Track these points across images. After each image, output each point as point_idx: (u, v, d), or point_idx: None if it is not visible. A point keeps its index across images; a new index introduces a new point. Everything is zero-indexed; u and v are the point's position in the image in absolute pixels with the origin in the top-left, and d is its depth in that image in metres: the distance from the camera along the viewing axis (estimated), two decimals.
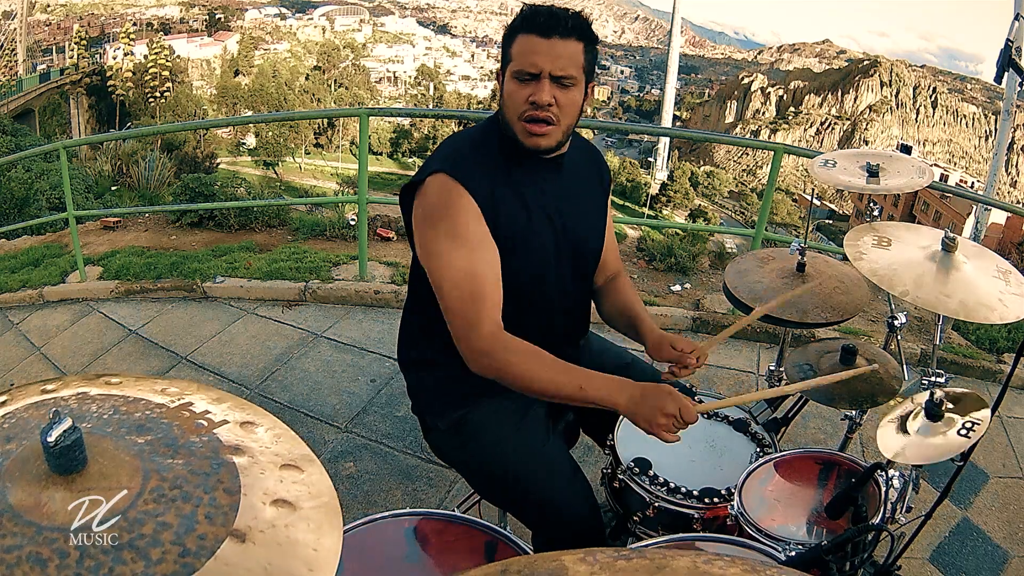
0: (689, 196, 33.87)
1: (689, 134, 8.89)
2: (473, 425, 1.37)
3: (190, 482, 0.52)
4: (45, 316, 3.67)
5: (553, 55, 1.18)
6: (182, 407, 0.61)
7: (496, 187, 1.24)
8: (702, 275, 4.05)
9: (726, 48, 54.15)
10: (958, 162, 38.65)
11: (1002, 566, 2.11)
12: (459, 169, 1.22)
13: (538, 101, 1.19)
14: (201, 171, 15.21)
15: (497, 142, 1.28)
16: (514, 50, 1.21)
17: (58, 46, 38.63)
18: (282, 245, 4.43)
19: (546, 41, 1.18)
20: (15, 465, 0.50)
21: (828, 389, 1.45)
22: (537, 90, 1.19)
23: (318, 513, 0.54)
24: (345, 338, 3.24)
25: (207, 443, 0.57)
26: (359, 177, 3.65)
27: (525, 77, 1.20)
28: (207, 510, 0.50)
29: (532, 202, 1.28)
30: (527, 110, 1.20)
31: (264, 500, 0.53)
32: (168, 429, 0.57)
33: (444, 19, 50.44)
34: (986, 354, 3.25)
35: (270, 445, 0.60)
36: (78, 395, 0.60)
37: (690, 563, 0.38)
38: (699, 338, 3.32)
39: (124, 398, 0.60)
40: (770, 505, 1.25)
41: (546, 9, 1.20)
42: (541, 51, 1.18)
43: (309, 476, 0.58)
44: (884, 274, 1.28)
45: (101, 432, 0.54)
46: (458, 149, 1.29)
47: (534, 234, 1.28)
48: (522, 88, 1.20)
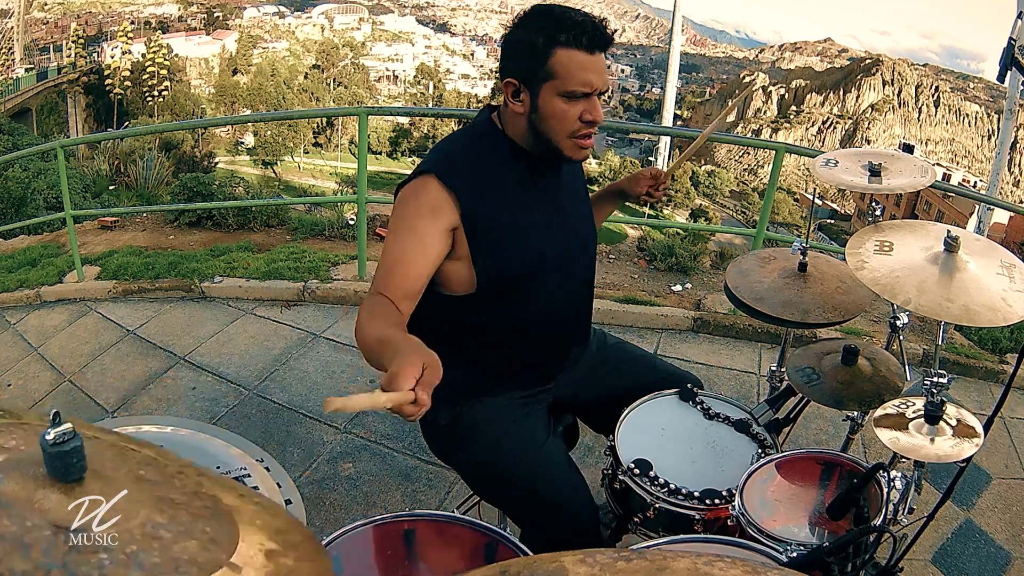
0: (690, 196, 33.85)
1: (690, 133, 8.87)
2: (473, 422, 1.37)
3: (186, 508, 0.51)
4: (42, 316, 3.66)
5: (600, 71, 1.17)
6: None
7: (497, 188, 1.24)
8: (703, 275, 4.04)
9: (727, 47, 54.12)
10: (960, 161, 38.65)
11: (1005, 567, 2.11)
12: (450, 173, 1.21)
13: (597, 120, 1.19)
14: (199, 170, 15.23)
15: (498, 143, 1.26)
16: (556, 67, 1.14)
17: (55, 44, 38.58)
18: (281, 245, 4.42)
19: (592, 57, 1.15)
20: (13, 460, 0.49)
21: (831, 390, 1.44)
22: (591, 108, 1.18)
23: None
24: (344, 338, 3.23)
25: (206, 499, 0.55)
26: (358, 176, 3.64)
27: (577, 96, 1.17)
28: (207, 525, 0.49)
29: (536, 201, 1.28)
30: (580, 128, 1.19)
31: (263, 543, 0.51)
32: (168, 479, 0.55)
33: (444, 17, 50.40)
34: (989, 354, 3.24)
35: None
36: None
37: (690, 564, 0.37)
38: (700, 339, 3.31)
39: None
40: (771, 506, 1.24)
41: (587, 22, 1.14)
42: (591, 68, 1.16)
43: None
44: (886, 283, 1.27)
45: None
46: (452, 153, 1.27)
47: (538, 231, 1.29)
48: (572, 106, 1.17)
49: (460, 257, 1.24)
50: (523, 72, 1.18)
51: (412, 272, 1.19)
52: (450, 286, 1.28)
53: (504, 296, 1.28)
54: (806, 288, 1.63)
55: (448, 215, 1.20)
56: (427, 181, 1.21)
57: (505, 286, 1.28)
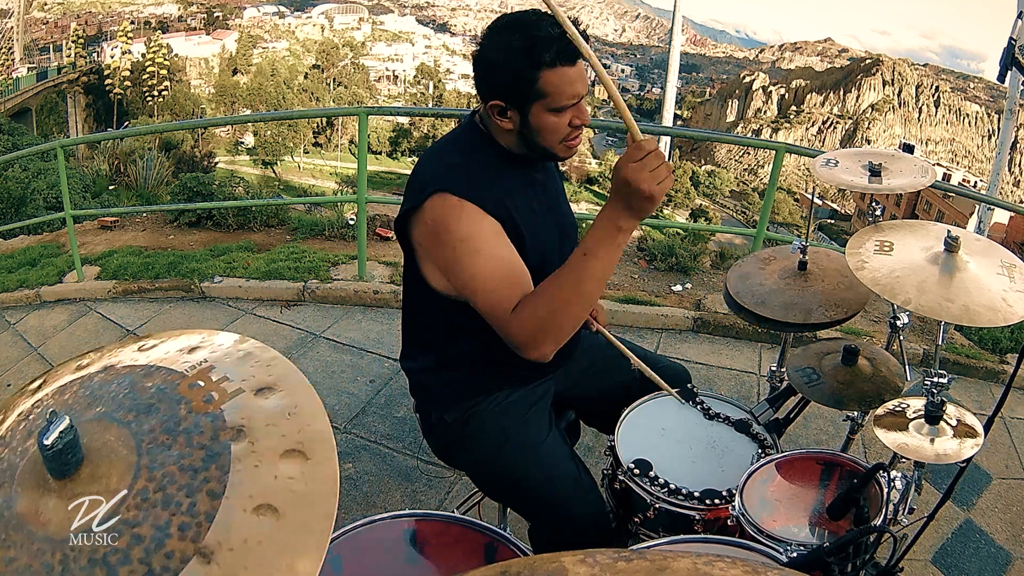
0: (690, 196, 33.84)
1: (690, 133, 8.90)
2: (480, 418, 1.38)
3: (176, 481, 0.50)
4: (42, 316, 3.66)
5: (584, 78, 1.18)
6: (201, 373, 0.57)
7: (503, 191, 1.24)
8: (703, 275, 4.04)
9: (727, 47, 54.11)
10: (961, 161, 38.63)
11: (1005, 568, 2.10)
12: (459, 184, 1.20)
13: (585, 123, 1.21)
14: (199, 170, 15.21)
15: (489, 148, 1.27)
16: (545, 87, 1.16)
17: (55, 44, 38.56)
18: (281, 245, 4.42)
19: (574, 68, 1.16)
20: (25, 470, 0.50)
21: (831, 390, 1.44)
22: (579, 112, 1.21)
23: (303, 526, 0.49)
24: (344, 338, 3.23)
25: (209, 424, 0.53)
26: (358, 176, 3.64)
27: (567, 107, 1.18)
28: (182, 519, 0.48)
29: (536, 199, 1.31)
30: (571, 133, 1.22)
31: (247, 506, 0.49)
32: (175, 407, 0.54)
33: (444, 17, 50.40)
34: (989, 354, 3.24)
35: (279, 422, 0.54)
36: (105, 368, 0.59)
37: (690, 564, 0.37)
38: (700, 339, 3.31)
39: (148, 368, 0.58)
40: (772, 506, 1.24)
41: (555, 34, 1.12)
42: (575, 78, 1.17)
43: (313, 468, 0.51)
44: (886, 283, 1.27)
45: (109, 418, 0.53)
46: (450, 164, 1.26)
47: (543, 228, 1.31)
48: (561, 117, 1.19)
49: None
50: (509, 96, 1.19)
51: (516, 271, 1.19)
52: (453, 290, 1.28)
53: None
54: (807, 287, 1.63)
55: (483, 213, 1.19)
56: (448, 198, 1.19)
57: None
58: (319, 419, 0.55)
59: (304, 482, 0.51)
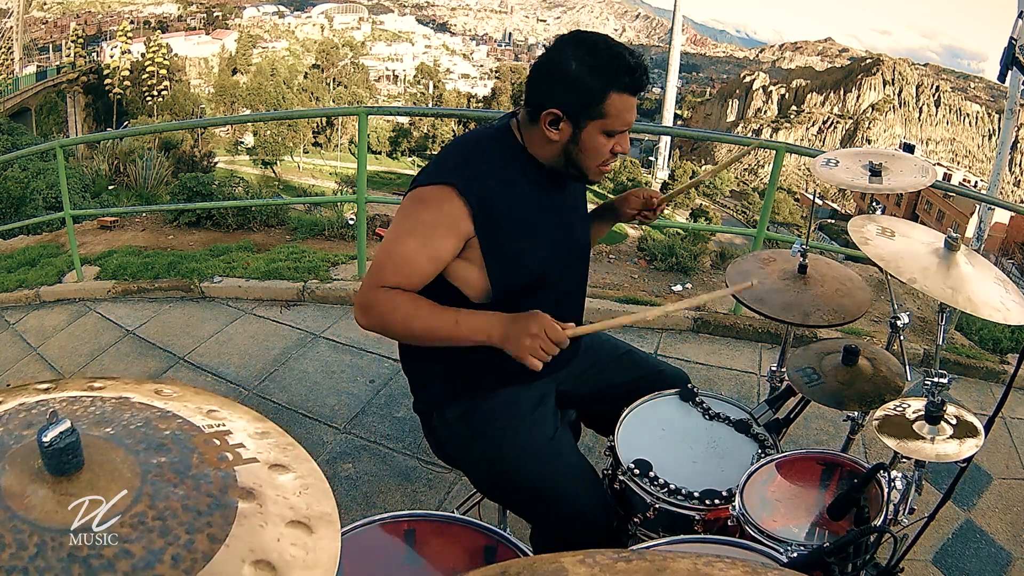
0: (690, 196, 33.83)
1: (690, 133, 8.89)
2: (483, 415, 1.38)
3: (178, 516, 0.49)
4: (41, 316, 3.66)
5: (635, 108, 1.25)
6: (217, 434, 0.57)
7: (511, 199, 1.27)
8: (703, 275, 4.04)
9: (727, 46, 54.10)
10: (961, 161, 38.62)
11: (1005, 568, 2.10)
12: (469, 186, 1.23)
13: (625, 152, 1.29)
14: (199, 170, 15.21)
15: (516, 156, 1.30)
16: (609, 109, 1.21)
17: (55, 44, 38.53)
18: (280, 245, 4.42)
19: (634, 98, 1.23)
20: (16, 453, 0.49)
21: (832, 390, 1.44)
22: (622, 141, 1.26)
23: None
24: (344, 338, 3.23)
25: (219, 479, 0.53)
26: (358, 176, 3.64)
27: (617, 132, 1.24)
28: (177, 551, 0.46)
29: (543, 215, 1.33)
30: (608, 159, 1.27)
31: (246, 557, 0.48)
32: (188, 455, 0.54)
33: (443, 17, 50.38)
34: (989, 355, 3.24)
35: (290, 496, 0.55)
36: (121, 399, 0.58)
37: (690, 565, 0.37)
38: (700, 339, 3.31)
39: (164, 413, 0.58)
40: (772, 506, 1.24)
41: (639, 65, 1.21)
42: (632, 107, 1.24)
43: (316, 541, 0.52)
44: (891, 260, 1.26)
45: (117, 441, 0.53)
46: (471, 161, 1.29)
47: (543, 244, 1.33)
48: (609, 141, 1.25)
49: (474, 263, 1.28)
50: (572, 108, 1.22)
51: (418, 272, 1.25)
52: (466, 289, 1.31)
53: (514, 302, 1.31)
54: (806, 290, 1.63)
55: (464, 227, 1.24)
56: (448, 192, 1.23)
57: (516, 293, 1.32)
58: (327, 503, 0.56)
59: (306, 551, 0.51)
